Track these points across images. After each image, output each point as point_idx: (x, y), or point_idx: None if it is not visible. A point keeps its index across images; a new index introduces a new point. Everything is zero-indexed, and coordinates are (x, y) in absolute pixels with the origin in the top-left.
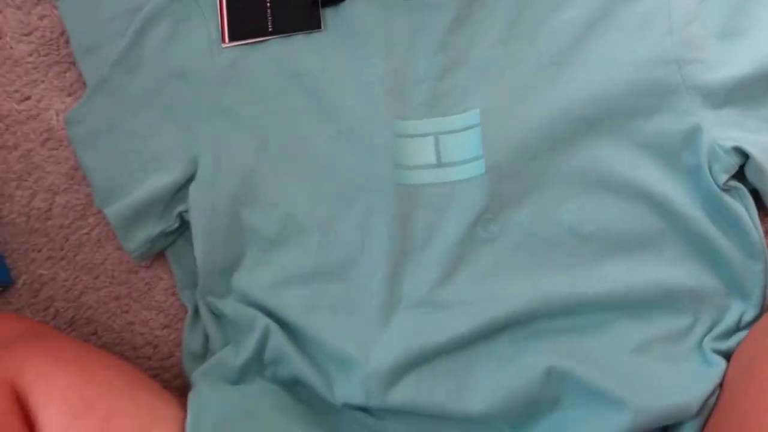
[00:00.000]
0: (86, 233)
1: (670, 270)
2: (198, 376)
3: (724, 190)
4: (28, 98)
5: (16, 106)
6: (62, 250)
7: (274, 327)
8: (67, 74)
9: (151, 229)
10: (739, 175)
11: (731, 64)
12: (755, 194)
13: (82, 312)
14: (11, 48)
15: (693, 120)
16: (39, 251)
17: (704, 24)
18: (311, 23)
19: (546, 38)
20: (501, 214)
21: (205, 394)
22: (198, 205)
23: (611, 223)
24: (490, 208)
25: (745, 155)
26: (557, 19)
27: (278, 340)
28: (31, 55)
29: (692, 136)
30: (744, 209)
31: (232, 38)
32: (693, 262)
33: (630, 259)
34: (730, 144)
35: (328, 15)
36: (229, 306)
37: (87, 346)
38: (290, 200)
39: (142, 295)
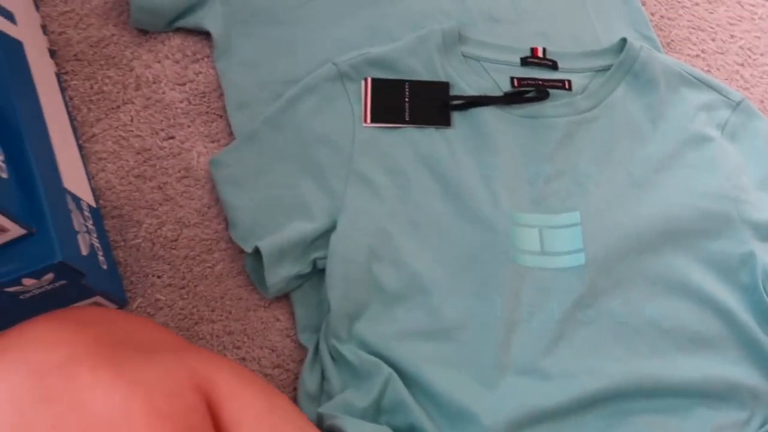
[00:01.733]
0: (210, 267)
1: (732, 368)
2: (331, 411)
3: None
4: (172, 138)
5: (159, 143)
6: (184, 279)
7: (394, 376)
8: (214, 124)
9: (290, 268)
10: None
11: None
12: None
13: (194, 341)
14: (163, 93)
15: (748, 247)
16: (159, 277)
17: (748, 177)
18: (442, 120)
19: (631, 165)
20: (596, 302)
21: (359, 425)
22: (337, 254)
23: (686, 323)
24: (588, 296)
25: None
26: (640, 151)
27: (398, 388)
28: (182, 102)
29: (748, 259)
30: None
31: (373, 120)
32: (750, 364)
33: (701, 354)
34: None
35: (457, 116)
36: (349, 351)
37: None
38: (415, 262)
39: (257, 333)
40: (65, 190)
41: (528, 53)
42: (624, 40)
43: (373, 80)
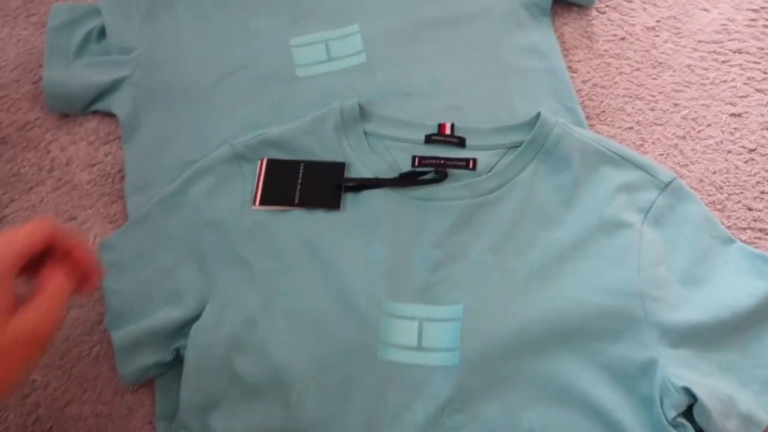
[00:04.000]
0: (88, 348)
1: None
2: None
3: (672, 425)
4: (74, 219)
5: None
6: (62, 359)
7: None
8: (114, 205)
9: (148, 358)
10: (689, 413)
11: (690, 308)
12: None
13: (62, 423)
14: (74, 174)
15: (650, 353)
16: None
17: (669, 268)
18: (332, 203)
19: (531, 253)
20: (467, 406)
21: None
22: (195, 344)
23: None
24: (458, 399)
25: (694, 396)
26: (544, 238)
27: None
28: (88, 183)
29: (648, 367)
30: None
31: (262, 202)
32: None
33: None
34: (681, 383)
35: (348, 198)
36: None
37: None
38: (279, 355)
39: (122, 417)
40: None
41: (435, 129)
42: (538, 115)
43: (269, 161)
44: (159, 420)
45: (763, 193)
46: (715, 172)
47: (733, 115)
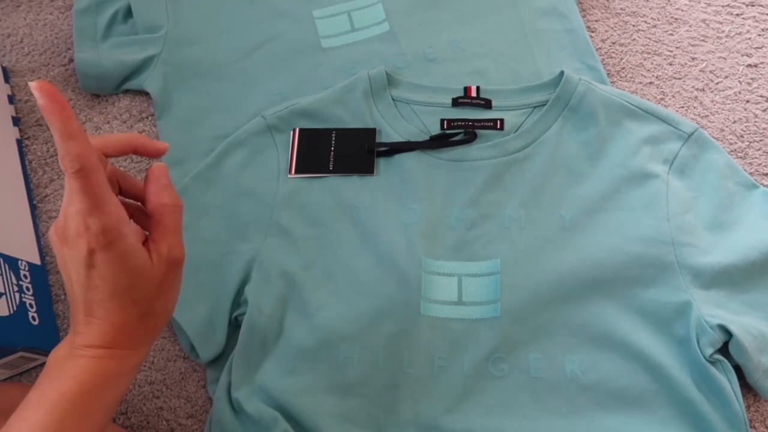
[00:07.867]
0: None
1: (661, 429)
2: None
3: (710, 362)
4: None
5: None
6: None
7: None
8: None
9: (222, 333)
10: (725, 350)
11: (718, 252)
12: (739, 370)
13: None
14: None
15: (684, 296)
16: None
17: (697, 215)
18: (366, 168)
19: (562, 207)
20: (511, 355)
21: None
22: (249, 304)
23: (609, 378)
24: (502, 348)
25: (729, 333)
26: (574, 192)
27: None
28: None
29: (683, 309)
30: (727, 382)
31: (297, 171)
32: (681, 425)
33: (624, 413)
34: (715, 321)
35: (381, 163)
36: (250, 403)
37: None
38: (325, 316)
39: (175, 383)
40: None
41: (461, 93)
42: (562, 73)
43: (301, 130)
44: (211, 384)
45: None
46: (735, 122)
47: (749, 66)
